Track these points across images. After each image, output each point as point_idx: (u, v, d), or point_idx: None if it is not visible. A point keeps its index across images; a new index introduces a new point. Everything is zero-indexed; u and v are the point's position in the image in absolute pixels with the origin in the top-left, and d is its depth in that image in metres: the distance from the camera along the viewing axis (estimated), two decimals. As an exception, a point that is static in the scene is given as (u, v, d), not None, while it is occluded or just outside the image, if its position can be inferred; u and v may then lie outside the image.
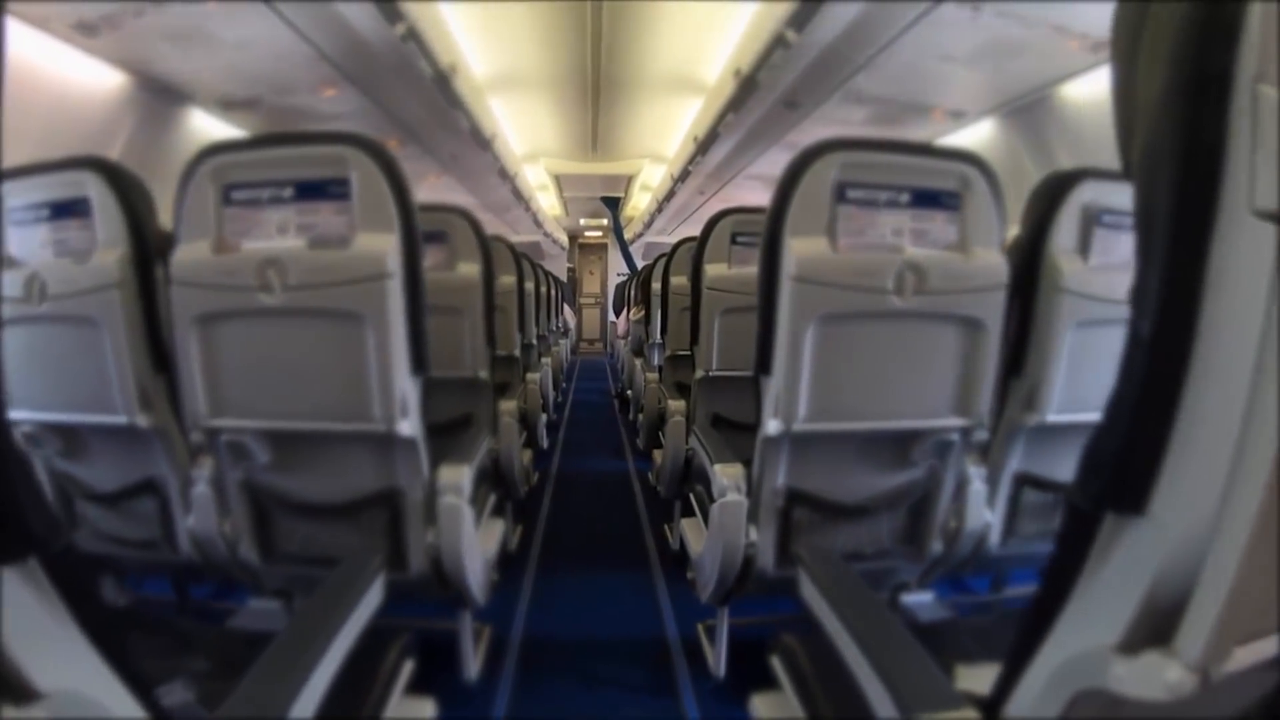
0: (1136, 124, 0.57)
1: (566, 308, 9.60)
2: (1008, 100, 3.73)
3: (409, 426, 1.47)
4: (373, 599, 1.09)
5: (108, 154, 3.07)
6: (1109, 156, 1.61)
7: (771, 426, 1.49)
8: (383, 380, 1.42)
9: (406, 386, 1.46)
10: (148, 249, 1.55)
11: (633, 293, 6.44)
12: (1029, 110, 3.68)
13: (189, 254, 1.41)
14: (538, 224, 10.53)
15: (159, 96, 3.52)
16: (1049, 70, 3.27)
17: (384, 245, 1.38)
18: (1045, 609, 0.66)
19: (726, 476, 1.61)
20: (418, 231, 1.43)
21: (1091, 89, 3.26)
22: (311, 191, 1.40)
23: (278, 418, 1.49)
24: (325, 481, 1.57)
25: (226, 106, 3.89)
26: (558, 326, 7.14)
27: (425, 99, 4.16)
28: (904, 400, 1.51)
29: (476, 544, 1.69)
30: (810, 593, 1.08)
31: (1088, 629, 0.63)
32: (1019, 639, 0.69)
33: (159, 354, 1.59)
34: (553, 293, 6.17)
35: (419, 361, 1.48)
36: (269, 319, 1.42)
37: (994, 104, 3.83)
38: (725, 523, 1.59)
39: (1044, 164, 3.56)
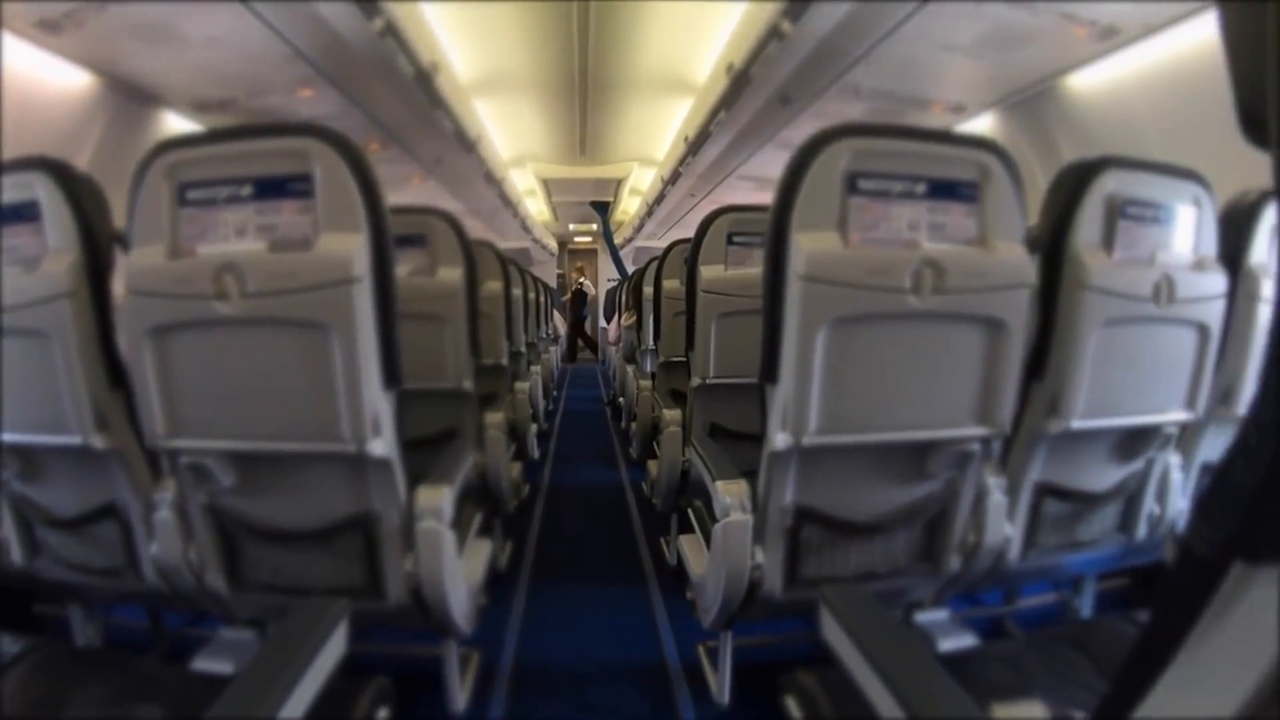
0: (1269, 73, 0.46)
1: (556, 314, 9.53)
2: (1010, 93, 3.64)
3: (382, 446, 1.35)
4: (334, 649, 0.97)
5: (78, 160, 2.95)
6: (1115, 152, 1.54)
7: (779, 440, 1.38)
8: (351, 396, 1.30)
9: (378, 402, 1.34)
10: (101, 255, 1.43)
11: (624, 298, 6.35)
12: (1031, 103, 3.59)
13: (142, 259, 1.30)
14: (526, 229, 10.45)
15: (129, 98, 3.40)
16: (1054, 60, 3.18)
17: (350, 246, 1.26)
18: (1145, 670, 0.55)
19: (729, 495, 1.50)
20: (388, 231, 1.31)
21: (1098, 79, 3.18)
22: (272, 189, 1.28)
23: (240, 438, 1.37)
24: (294, 506, 1.46)
25: (199, 108, 3.77)
26: (547, 333, 7.04)
27: (407, 99, 4.06)
28: (922, 409, 1.40)
29: (460, 571, 1.57)
30: (835, 635, 0.97)
31: (1196, 695, 0.52)
32: (1108, 704, 0.58)
33: (115, 369, 1.46)
34: (542, 299, 6.08)
35: (391, 374, 1.36)
36: (227, 330, 1.30)
37: (996, 97, 3.74)
38: (729, 545, 1.48)
39: (1048, 159, 3.49)
